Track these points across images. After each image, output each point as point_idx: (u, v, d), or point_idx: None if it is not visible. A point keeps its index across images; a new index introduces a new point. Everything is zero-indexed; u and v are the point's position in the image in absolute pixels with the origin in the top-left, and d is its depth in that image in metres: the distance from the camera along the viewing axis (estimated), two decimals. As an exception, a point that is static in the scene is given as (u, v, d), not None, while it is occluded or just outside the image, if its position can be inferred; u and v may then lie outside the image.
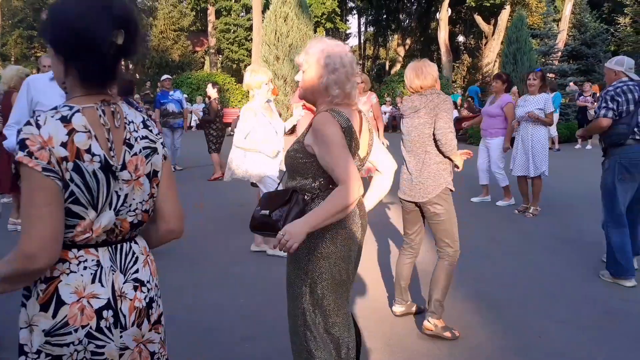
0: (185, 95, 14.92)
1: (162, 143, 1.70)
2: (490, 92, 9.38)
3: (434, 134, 3.47)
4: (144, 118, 1.68)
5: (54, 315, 1.48)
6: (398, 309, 3.88)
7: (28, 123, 1.44)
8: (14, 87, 6.03)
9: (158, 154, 1.67)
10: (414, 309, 3.90)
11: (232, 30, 33.01)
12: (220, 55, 34.97)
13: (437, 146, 3.50)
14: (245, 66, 32.47)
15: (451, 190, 3.55)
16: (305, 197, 2.21)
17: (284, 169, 2.39)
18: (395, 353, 3.36)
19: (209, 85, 10.74)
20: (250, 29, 29.09)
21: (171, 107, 10.89)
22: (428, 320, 3.53)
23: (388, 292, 4.38)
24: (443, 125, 3.43)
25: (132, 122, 1.62)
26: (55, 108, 1.48)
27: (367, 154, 2.31)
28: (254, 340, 3.51)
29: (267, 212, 2.22)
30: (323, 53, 2.20)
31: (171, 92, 11.18)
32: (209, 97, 10.59)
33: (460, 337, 3.53)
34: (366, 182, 3.25)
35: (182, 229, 1.77)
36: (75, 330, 1.48)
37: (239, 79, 30.14)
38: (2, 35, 30.53)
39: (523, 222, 6.83)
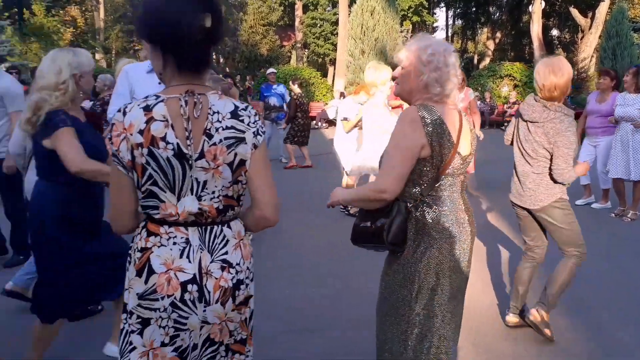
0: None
1: (255, 132, 1.68)
2: (586, 89, 8.92)
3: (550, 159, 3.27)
4: (235, 109, 1.67)
5: (146, 282, 1.64)
6: (512, 319, 3.66)
7: (119, 110, 1.62)
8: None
9: (246, 143, 1.66)
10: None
11: (318, 25, 33.26)
12: (307, 50, 35.40)
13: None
14: (331, 60, 32.69)
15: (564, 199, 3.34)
16: (408, 204, 2.12)
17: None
18: (480, 354, 3.34)
19: (290, 82, 11.20)
20: (336, 23, 29.21)
21: (273, 100, 11.33)
22: (536, 309, 3.41)
23: (474, 290, 4.35)
24: (561, 164, 3.20)
25: (218, 112, 1.64)
26: (147, 97, 1.62)
27: (470, 153, 2.20)
28: (322, 332, 3.62)
29: (368, 223, 2.17)
30: (426, 50, 2.11)
31: (274, 86, 11.61)
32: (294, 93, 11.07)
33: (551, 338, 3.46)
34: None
35: (276, 218, 1.78)
36: (162, 298, 1.63)
37: (324, 73, 30.43)
38: (105, 29, 32.51)
39: (617, 225, 6.52)
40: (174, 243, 1.65)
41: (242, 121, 1.67)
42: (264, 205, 1.74)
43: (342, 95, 21.07)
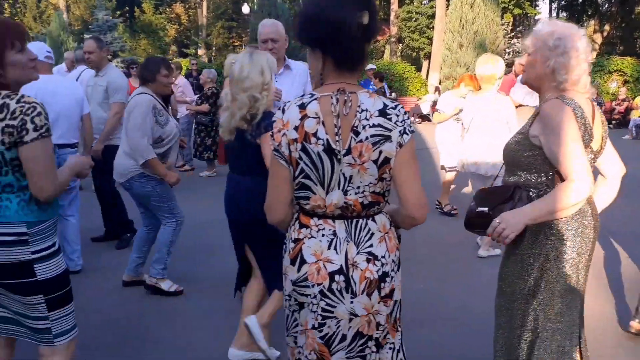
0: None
1: (401, 131, 1.68)
2: None
3: None
4: (384, 107, 1.69)
5: (298, 270, 1.76)
6: (637, 325, 3.45)
7: (279, 108, 1.74)
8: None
9: (391, 141, 1.67)
10: None
11: (413, 19, 32.85)
12: (401, 44, 35.06)
13: None
14: (425, 54, 32.19)
15: None
16: (531, 193, 2.07)
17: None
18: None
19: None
20: (432, 16, 28.72)
21: None
22: None
23: (590, 293, 4.18)
24: None
25: (367, 110, 1.67)
26: (304, 95, 1.72)
27: (600, 147, 2.13)
28: (424, 327, 3.65)
29: (485, 209, 2.10)
30: (552, 35, 2.05)
31: (372, 82, 11.76)
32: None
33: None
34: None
35: (422, 216, 1.77)
36: (312, 286, 1.74)
37: (418, 68, 30.02)
38: (207, 26, 33.92)
39: None
40: (323, 235, 1.75)
41: (390, 119, 1.68)
42: (409, 205, 1.74)
43: (437, 89, 20.72)
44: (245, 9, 28.63)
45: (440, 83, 22.03)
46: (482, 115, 4.93)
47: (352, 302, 1.74)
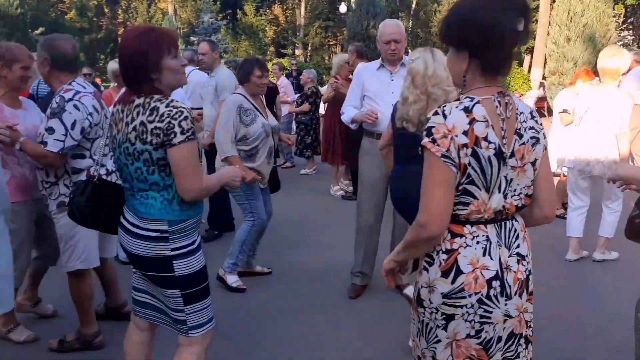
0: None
1: (544, 134, 1.77)
2: None
3: None
4: (530, 109, 1.75)
5: (453, 282, 1.71)
6: None
7: (436, 113, 1.66)
8: (337, 73, 6.98)
9: (540, 143, 1.74)
10: None
11: (515, 12, 31.58)
12: (501, 39, 33.84)
13: None
14: (527, 49, 30.82)
15: None
16: None
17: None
18: None
19: None
20: (535, 9, 27.47)
21: None
22: None
23: None
24: None
25: (522, 113, 1.72)
26: (459, 99, 1.68)
27: None
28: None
29: None
30: None
31: None
32: None
33: None
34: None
35: (554, 215, 1.86)
36: (469, 296, 1.70)
37: (519, 63, 28.78)
38: (305, 26, 34.50)
39: None
40: (477, 242, 1.72)
41: (537, 122, 1.76)
42: (547, 206, 1.82)
43: (541, 85, 19.82)
44: (343, 8, 28.84)
45: (544, 78, 21.06)
46: (601, 109, 4.55)
47: (506, 305, 1.73)
